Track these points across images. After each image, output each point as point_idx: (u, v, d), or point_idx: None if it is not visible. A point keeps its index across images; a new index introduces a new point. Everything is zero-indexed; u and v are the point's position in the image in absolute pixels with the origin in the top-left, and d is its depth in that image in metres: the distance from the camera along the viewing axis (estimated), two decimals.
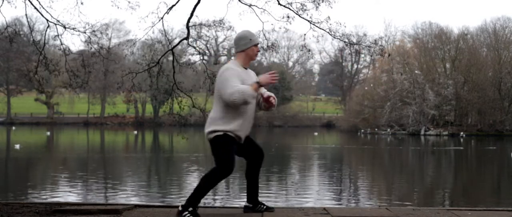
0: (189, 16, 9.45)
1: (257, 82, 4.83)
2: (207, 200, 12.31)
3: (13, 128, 56.59)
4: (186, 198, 4.94)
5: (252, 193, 5.22)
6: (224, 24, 11.43)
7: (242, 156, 5.18)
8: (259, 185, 5.32)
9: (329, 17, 9.55)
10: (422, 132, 54.30)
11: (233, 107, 4.78)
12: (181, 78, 10.55)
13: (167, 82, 11.02)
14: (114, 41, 65.61)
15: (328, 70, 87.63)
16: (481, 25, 64.39)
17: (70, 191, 13.33)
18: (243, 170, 5.35)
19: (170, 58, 10.84)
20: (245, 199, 5.31)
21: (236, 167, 5.03)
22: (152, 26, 9.77)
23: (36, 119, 72.04)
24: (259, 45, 5.14)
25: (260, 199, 5.35)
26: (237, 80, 4.73)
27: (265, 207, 5.24)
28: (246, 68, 4.98)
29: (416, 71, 57.68)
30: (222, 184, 15.76)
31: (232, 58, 5.21)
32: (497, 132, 54.54)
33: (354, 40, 10.47)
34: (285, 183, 15.66)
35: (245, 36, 4.95)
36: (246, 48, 4.93)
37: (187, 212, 4.84)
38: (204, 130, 4.95)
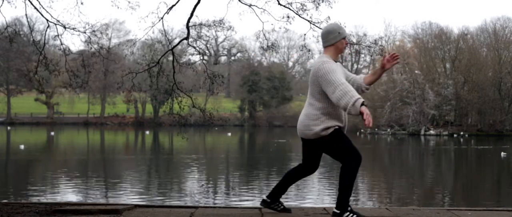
0: (189, 16, 9.44)
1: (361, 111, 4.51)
2: (207, 200, 12.31)
3: (8, 128, 56.43)
4: (337, 203, 4.74)
5: (278, 192, 5.11)
6: (224, 24, 11.41)
7: (304, 157, 5.08)
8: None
9: (329, 17, 9.52)
10: (422, 132, 54.31)
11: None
12: (181, 78, 10.51)
13: (167, 82, 11.01)
14: (114, 41, 65.68)
15: None
16: (481, 25, 64.46)
17: (70, 191, 13.33)
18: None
19: (170, 58, 10.82)
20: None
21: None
22: (152, 26, 9.75)
23: (36, 119, 72.02)
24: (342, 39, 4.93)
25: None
26: (341, 73, 4.72)
27: (282, 207, 5.12)
28: (336, 62, 4.90)
29: (416, 71, 57.67)
30: (222, 184, 15.77)
31: (320, 53, 5.12)
32: (497, 132, 54.54)
33: (354, 40, 10.46)
34: None
35: (333, 29, 4.89)
36: (335, 41, 4.87)
37: (347, 213, 4.69)
38: (305, 128, 4.80)
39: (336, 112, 4.75)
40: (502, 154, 26.23)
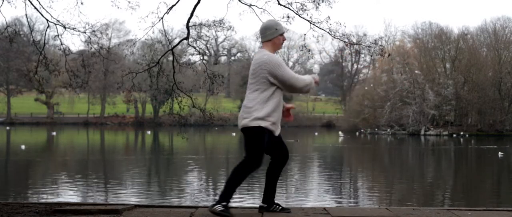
0: (189, 16, 9.44)
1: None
2: (207, 200, 12.31)
3: (7, 128, 56.38)
4: (220, 196, 4.90)
5: (269, 193, 5.17)
6: (224, 24, 11.41)
7: (268, 153, 5.13)
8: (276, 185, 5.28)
9: (329, 17, 9.53)
10: (422, 132, 54.30)
11: (274, 98, 4.88)
12: (181, 78, 10.52)
13: (167, 82, 11.02)
14: (114, 41, 65.65)
15: (328, 70, 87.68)
16: (481, 25, 64.40)
17: (70, 191, 13.33)
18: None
19: (170, 58, 10.83)
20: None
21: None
22: (152, 26, 9.75)
23: (36, 119, 72.00)
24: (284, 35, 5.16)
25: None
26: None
27: (280, 208, 5.17)
28: None
29: (416, 71, 57.66)
30: (222, 184, 15.76)
31: (258, 47, 5.27)
32: (497, 132, 54.52)
33: (354, 40, 10.46)
34: (285, 183, 15.65)
35: (271, 26, 5.06)
36: (272, 37, 5.02)
37: (219, 205, 4.82)
38: (240, 120, 4.92)
39: (272, 109, 4.88)
40: (500, 154, 26.26)
